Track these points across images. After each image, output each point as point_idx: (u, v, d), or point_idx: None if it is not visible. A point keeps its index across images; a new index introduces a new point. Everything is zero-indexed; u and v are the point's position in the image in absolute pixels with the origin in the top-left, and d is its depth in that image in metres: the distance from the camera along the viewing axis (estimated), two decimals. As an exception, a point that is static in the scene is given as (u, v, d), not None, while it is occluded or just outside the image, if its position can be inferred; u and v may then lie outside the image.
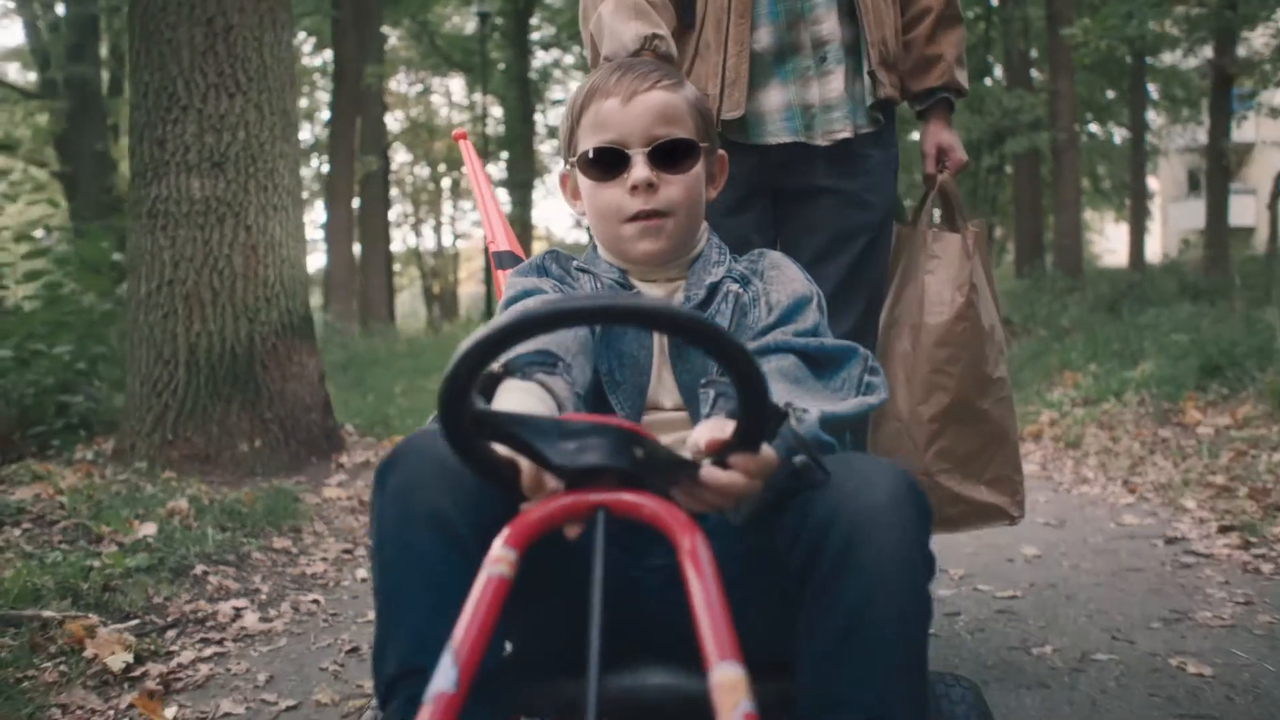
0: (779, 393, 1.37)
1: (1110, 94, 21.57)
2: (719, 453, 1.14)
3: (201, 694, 2.70)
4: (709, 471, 1.14)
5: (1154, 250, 30.46)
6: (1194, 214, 31.83)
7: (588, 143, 1.61)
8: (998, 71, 18.30)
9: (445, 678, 0.90)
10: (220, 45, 5.15)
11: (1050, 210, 17.07)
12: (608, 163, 1.60)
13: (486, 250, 2.36)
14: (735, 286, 1.63)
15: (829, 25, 2.27)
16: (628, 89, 1.60)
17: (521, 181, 23.54)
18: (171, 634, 3.12)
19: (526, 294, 1.62)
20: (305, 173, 28.52)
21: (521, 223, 22.94)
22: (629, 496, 1.06)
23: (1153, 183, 30.90)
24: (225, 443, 5.13)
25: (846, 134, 2.29)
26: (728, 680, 0.86)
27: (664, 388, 1.58)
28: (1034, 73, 17.47)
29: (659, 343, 1.59)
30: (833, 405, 1.41)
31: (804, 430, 1.27)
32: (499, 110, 27.10)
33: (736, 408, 1.10)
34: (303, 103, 28.01)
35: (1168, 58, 18.84)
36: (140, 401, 5.21)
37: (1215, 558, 3.75)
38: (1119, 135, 23.75)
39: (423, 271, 38.31)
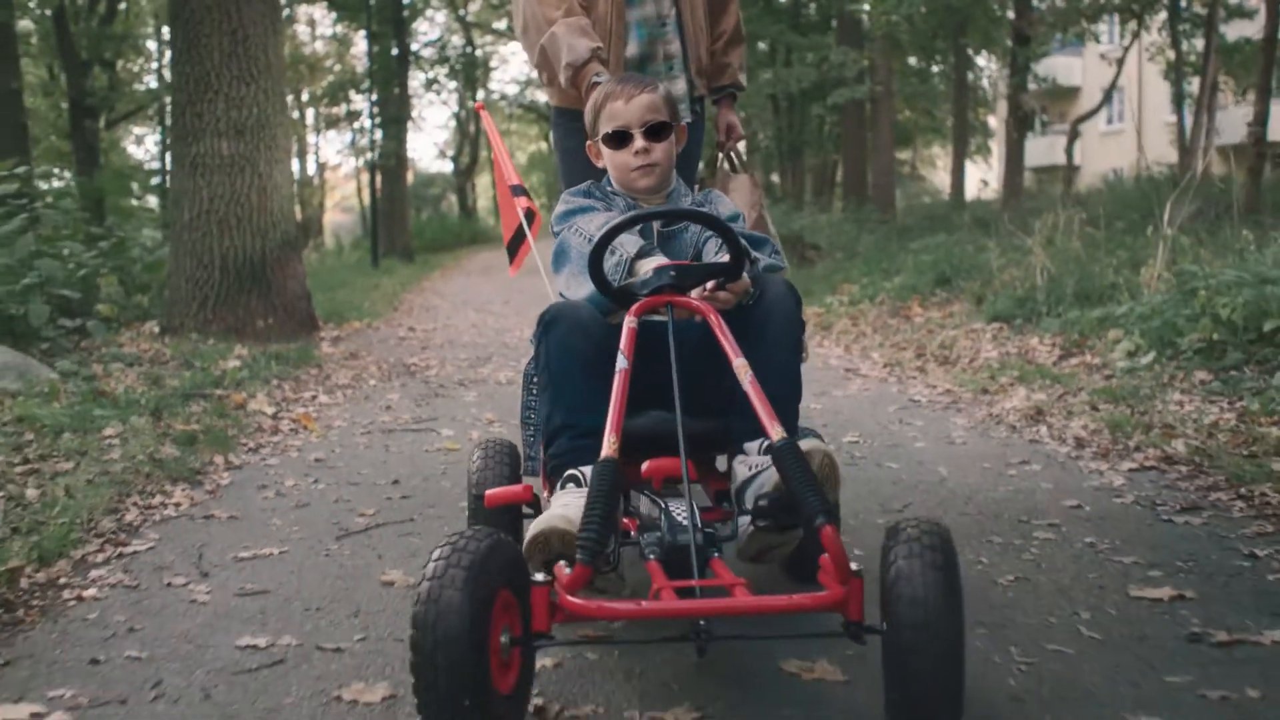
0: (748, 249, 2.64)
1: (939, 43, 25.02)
2: (720, 284, 2.51)
3: (318, 417, 5.71)
4: (716, 293, 2.51)
5: (996, 183, 34.47)
6: (1032, 151, 36.04)
7: (606, 127, 2.78)
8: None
9: (609, 444, 2.14)
10: (240, 48, 8.01)
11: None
12: (619, 139, 2.76)
13: (496, 185, 4.64)
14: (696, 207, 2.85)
15: (675, 45, 3.50)
16: (628, 94, 2.76)
17: (395, 118, 26.03)
18: (281, 405, 6.10)
19: (582, 209, 2.83)
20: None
21: (396, 157, 25.56)
22: (681, 298, 2.42)
23: (993, 122, 34.79)
24: (247, 320, 8.06)
25: (688, 119, 3.45)
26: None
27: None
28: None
29: (656, 234, 2.75)
30: (768, 262, 2.78)
31: (759, 267, 2.69)
32: (363, 45, 29.25)
33: (727, 261, 2.50)
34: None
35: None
36: (185, 294, 8.11)
37: (879, 379, 7.02)
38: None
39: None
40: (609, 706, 2.26)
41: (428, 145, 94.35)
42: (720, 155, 3.72)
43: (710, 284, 2.51)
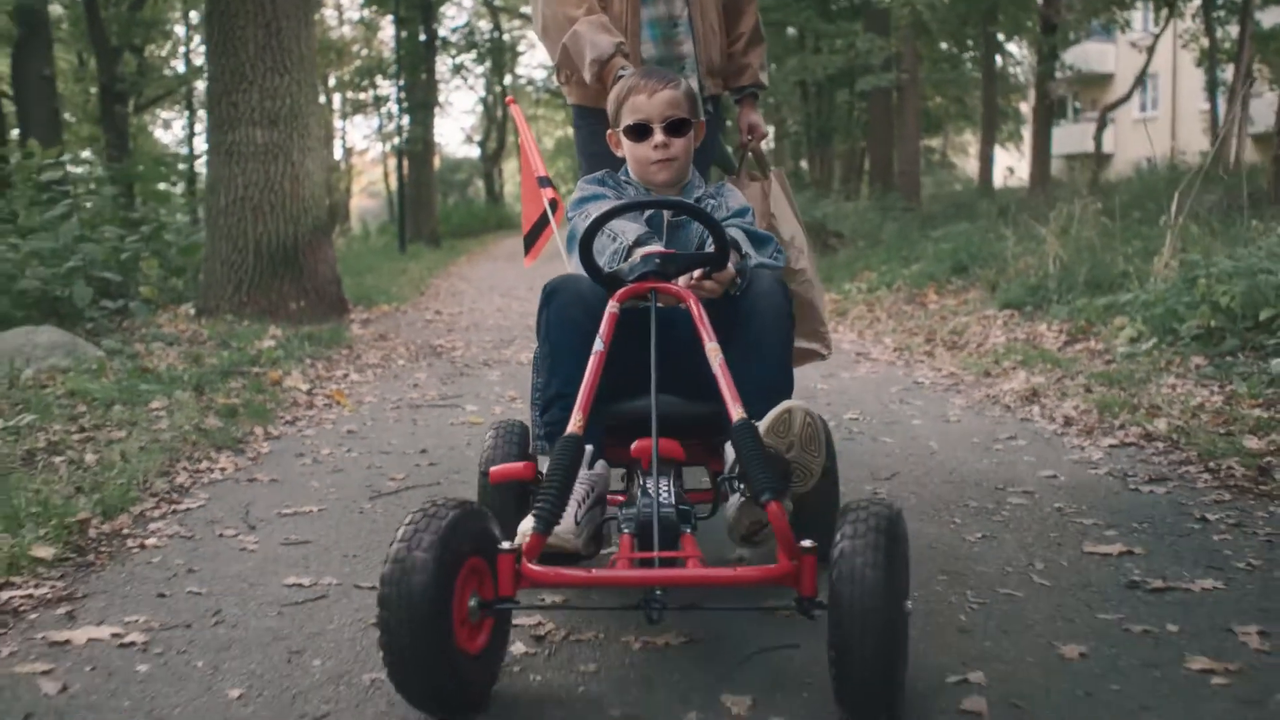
0: (740, 242, 2.78)
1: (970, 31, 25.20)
2: (704, 275, 2.63)
3: (350, 394, 6.11)
4: (702, 282, 2.63)
5: (1025, 171, 34.58)
6: (1060, 140, 36.15)
7: (628, 120, 2.91)
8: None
9: (574, 422, 2.32)
10: (273, 41, 8.41)
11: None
12: (640, 131, 2.90)
13: (522, 176, 5.14)
14: (707, 201, 2.98)
15: (687, 46, 3.60)
16: (651, 88, 2.89)
17: (422, 103, 26.46)
18: (315, 383, 6.51)
19: (594, 196, 2.95)
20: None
21: (423, 142, 25.99)
22: (664, 285, 2.53)
23: (1025, 109, 34.88)
24: (280, 302, 8.48)
25: (700, 119, 3.28)
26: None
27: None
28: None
29: (665, 224, 2.93)
30: (761, 260, 2.85)
31: (747, 263, 2.75)
32: (388, 29, 29.68)
33: (712, 252, 2.61)
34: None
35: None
36: (220, 277, 8.53)
37: (888, 362, 7.37)
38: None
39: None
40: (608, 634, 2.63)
41: (455, 130, 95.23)
42: (743, 158, 3.83)
43: (697, 273, 2.63)
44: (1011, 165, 27.89)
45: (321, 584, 3.02)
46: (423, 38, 27.49)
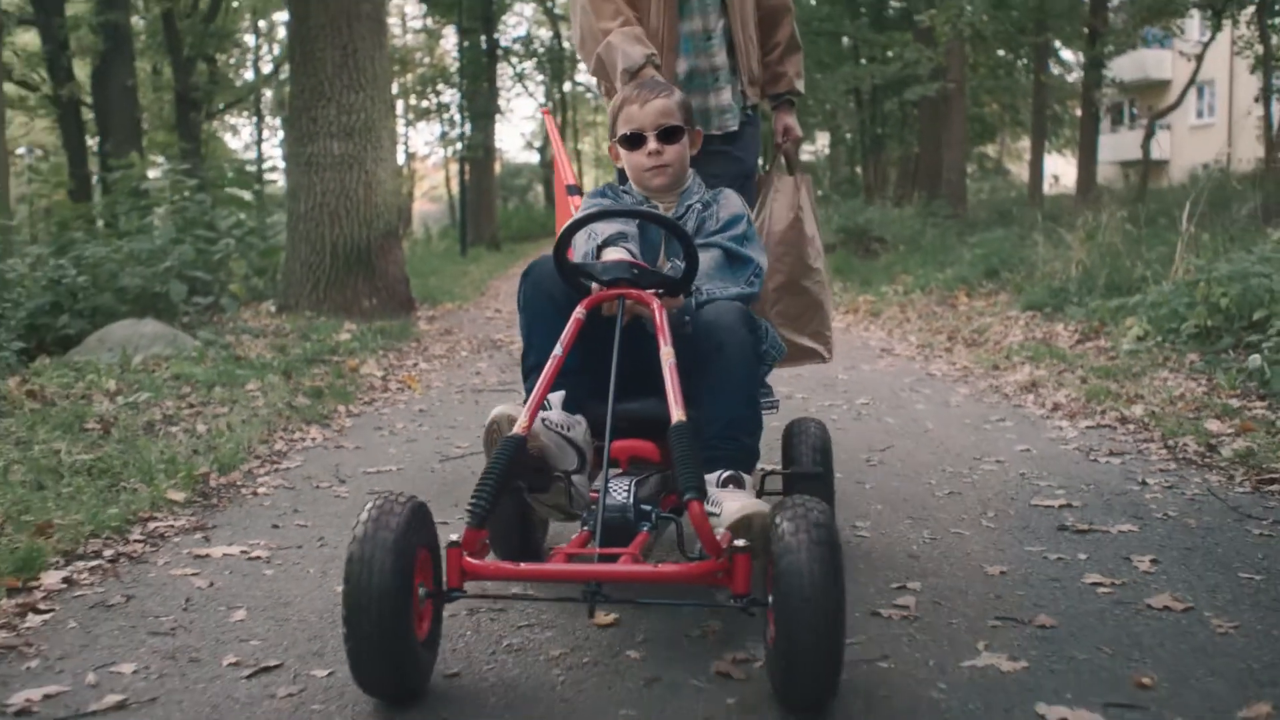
0: (704, 272, 2.87)
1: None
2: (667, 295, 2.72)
3: (419, 380, 6.86)
4: (663, 300, 2.69)
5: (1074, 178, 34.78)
6: (1115, 146, 36.37)
7: (623, 130, 3.04)
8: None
9: (519, 424, 2.42)
10: (350, 61, 9.21)
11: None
12: (634, 140, 3.03)
13: (551, 184, 6.31)
14: (699, 207, 3.10)
15: (720, 58, 3.69)
16: (644, 99, 3.02)
17: (483, 111, 27.34)
18: (388, 370, 7.28)
19: (595, 207, 2.96)
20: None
21: (484, 148, 26.87)
22: (632, 291, 2.64)
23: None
24: (354, 300, 9.28)
25: (733, 127, 3.71)
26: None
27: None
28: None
29: (664, 235, 3.07)
30: (723, 289, 2.90)
31: (692, 302, 2.82)
32: (450, 37, 30.60)
33: (680, 273, 2.74)
34: (281, 31, 31.66)
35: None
36: (300, 276, 9.35)
37: (908, 357, 8.01)
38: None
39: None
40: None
41: (515, 136, 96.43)
42: (775, 158, 3.94)
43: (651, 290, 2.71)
44: (1057, 173, 28.16)
45: (402, 520, 3.75)
46: (484, 46, 28.39)
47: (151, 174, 13.74)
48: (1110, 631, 2.64)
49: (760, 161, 4.04)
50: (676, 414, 2.39)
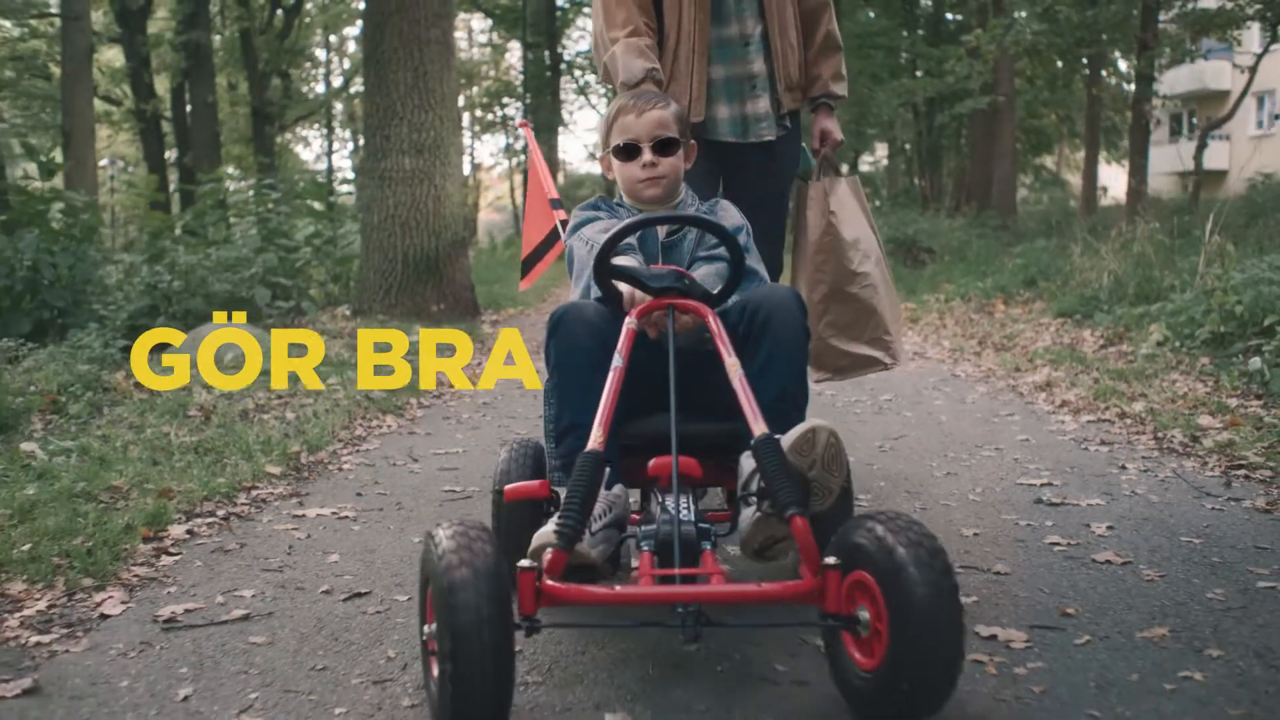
0: (711, 283, 2.73)
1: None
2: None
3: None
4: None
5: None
6: (1174, 157, 36.25)
7: (617, 140, 2.94)
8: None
9: (594, 438, 2.29)
10: (420, 83, 9.89)
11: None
12: (629, 151, 2.93)
13: (527, 200, 6.81)
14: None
15: (758, 65, 3.63)
16: (640, 109, 2.92)
17: (547, 124, 28.08)
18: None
19: (588, 220, 3.00)
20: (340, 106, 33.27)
21: (551, 161, 27.57)
22: (682, 301, 2.55)
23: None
24: (423, 305, 9.95)
25: (770, 138, 3.67)
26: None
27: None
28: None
29: (660, 243, 2.98)
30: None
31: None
32: (515, 50, 31.38)
33: (726, 274, 2.69)
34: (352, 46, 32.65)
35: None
36: (373, 283, 10.05)
37: (938, 360, 8.50)
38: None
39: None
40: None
41: (578, 148, 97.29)
42: (818, 164, 3.87)
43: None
44: (1106, 185, 28.30)
45: (468, 490, 4.35)
46: (548, 60, 29.15)
47: (229, 186, 14.58)
48: (1054, 578, 3.16)
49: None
50: (759, 428, 2.31)
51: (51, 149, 10.30)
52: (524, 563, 2.11)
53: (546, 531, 2.31)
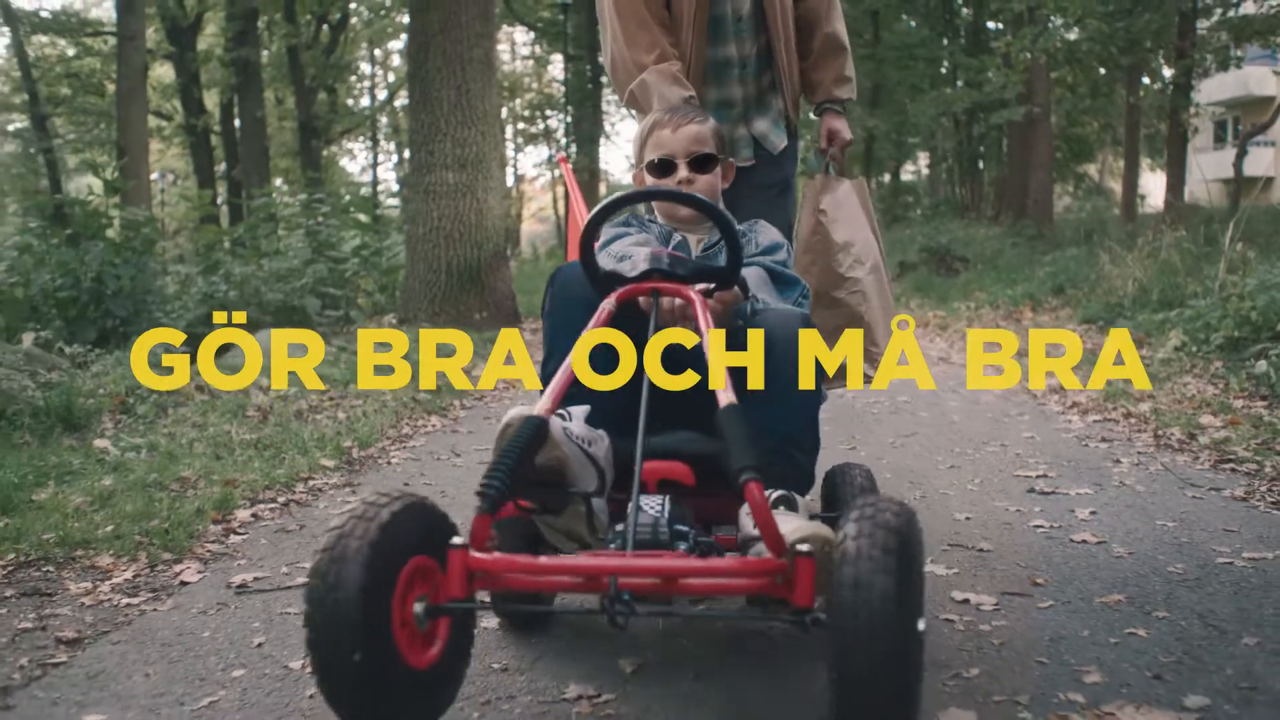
0: (753, 285, 2.66)
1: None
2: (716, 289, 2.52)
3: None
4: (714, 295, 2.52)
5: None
6: (1217, 164, 36.12)
7: (651, 155, 2.86)
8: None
9: (542, 405, 2.13)
10: (463, 100, 10.34)
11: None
12: (664, 167, 2.84)
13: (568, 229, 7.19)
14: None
15: (752, 88, 3.65)
16: (675, 123, 2.85)
17: (589, 135, 28.56)
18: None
19: (618, 236, 2.86)
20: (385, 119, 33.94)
21: (589, 171, 28.05)
22: (666, 285, 2.43)
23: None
24: (466, 313, 10.39)
25: (746, 164, 3.65)
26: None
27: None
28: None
29: (694, 255, 2.89)
30: (778, 303, 2.70)
31: (746, 307, 2.59)
32: (557, 63, 31.87)
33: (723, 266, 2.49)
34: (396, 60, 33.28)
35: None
36: (418, 293, 10.50)
37: (960, 364, 8.82)
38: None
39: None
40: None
41: (619, 158, 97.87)
42: (826, 164, 3.78)
43: (700, 287, 2.47)
44: (1146, 192, 28.36)
45: (505, 481, 4.74)
46: (590, 72, 29.61)
47: (279, 200, 15.13)
48: (1032, 554, 3.50)
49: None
50: (725, 397, 2.05)
51: (114, 167, 10.82)
52: (455, 540, 1.94)
53: (518, 410, 2.22)
